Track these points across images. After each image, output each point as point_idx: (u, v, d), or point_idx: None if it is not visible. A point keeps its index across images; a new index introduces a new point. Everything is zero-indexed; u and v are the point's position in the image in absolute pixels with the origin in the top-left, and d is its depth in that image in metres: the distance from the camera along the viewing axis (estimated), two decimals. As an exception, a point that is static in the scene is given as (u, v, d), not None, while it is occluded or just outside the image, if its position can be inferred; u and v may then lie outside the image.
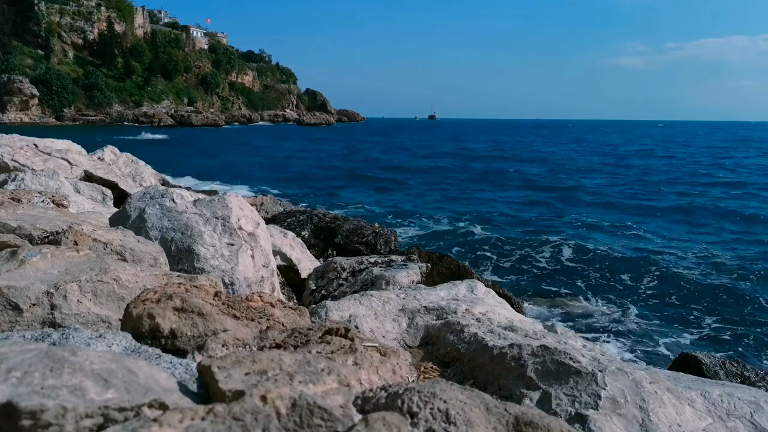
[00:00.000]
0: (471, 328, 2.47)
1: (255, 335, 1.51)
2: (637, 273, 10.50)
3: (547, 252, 12.09)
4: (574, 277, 10.29)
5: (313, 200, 17.89)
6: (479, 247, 12.60)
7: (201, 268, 3.00)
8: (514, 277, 10.28)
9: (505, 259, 11.64)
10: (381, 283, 4.06)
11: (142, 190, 3.54)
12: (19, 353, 0.96)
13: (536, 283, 9.94)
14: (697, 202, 19.88)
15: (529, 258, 11.63)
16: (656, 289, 9.69)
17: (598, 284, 9.92)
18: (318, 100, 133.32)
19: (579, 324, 7.85)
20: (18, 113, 71.44)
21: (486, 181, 25.79)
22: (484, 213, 17.19)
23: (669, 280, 10.14)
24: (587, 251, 12.04)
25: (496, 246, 12.73)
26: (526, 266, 11.01)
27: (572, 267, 10.87)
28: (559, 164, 35.11)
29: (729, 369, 3.97)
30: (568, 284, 9.86)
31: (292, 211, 8.07)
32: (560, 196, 21.14)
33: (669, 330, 7.91)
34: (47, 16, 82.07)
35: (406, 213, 16.93)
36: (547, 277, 10.29)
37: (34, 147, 6.14)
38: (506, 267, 11.02)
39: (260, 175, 25.72)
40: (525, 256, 11.80)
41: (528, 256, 11.75)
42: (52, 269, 1.87)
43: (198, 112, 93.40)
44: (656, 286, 9.84)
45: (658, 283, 9.97)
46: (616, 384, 1.94)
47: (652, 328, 7.95)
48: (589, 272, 10.57)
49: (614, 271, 10.60)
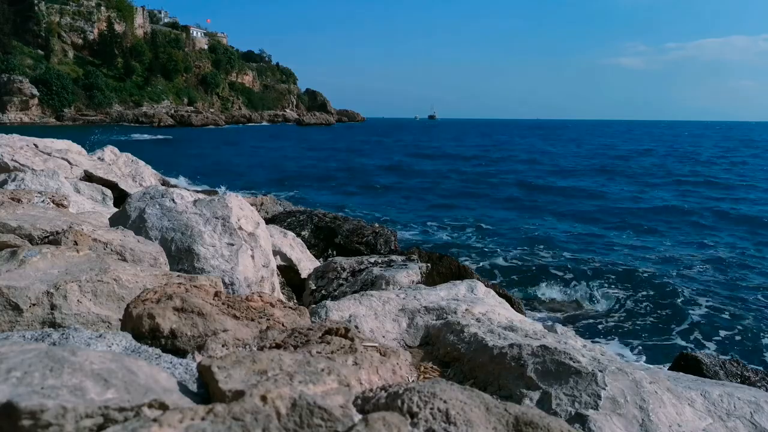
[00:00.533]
0: (471, 328, 2.47)
1: (255, 335, 1.51)
2: (638, 273, 10.51)
3: (547, 252, 12.10)
4: (574, 277, 10.29)
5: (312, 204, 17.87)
6: (479, 247, 12.61)
7: (201, 268, 3.00)
8: (514, 277, 10.29)
9: (505, 259, 11.64)
10: (381, 283, 4.06)
11: (142, 190, 3.54)
12: (19, 353, 0.96)
13: (536, 283, 9.94)
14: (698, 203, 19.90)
15: (529, 258, 11.64)
16: (656, 289, 9.69)
17: (598, 284, 9.92)
18: (318, 100, 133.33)
19: (579, 324, 7.85)
20: (18, 113, 71.42)
21: (485, 181, 25.79)
22: (484, 213, 17.19)
23: (669, 280, 10.14)
24: (587, 252, 12.05)
25: (496, 246, 12.74)
26: (526, 266, 11.01)
27: (572, 267, 10.86)
28: (559, 164, 35.13)
29: (729, 369, 3.97)
30: (568, 284, 9.86)
31: (292, 211, 8.07)
32: (560, 196, 21.15)
33: (669, 330, 7.91)
34: (47, 16, 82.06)
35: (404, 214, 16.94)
36: (547, 277, 10.29)
37: (34, 147, 6.14)
38: (506, 267, 11.02)
39: (240, 175, 25.25)
40: (525, 256, 11.81)
41: (528, 257, 11.76)
42: (52, 269, 1.87)
43: (198, 112, 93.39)
44: (656, 286, 9.84)
45: (658, 283, 9.97)
46: (616, 384, 1.94)
47: (652, 329, 7.95)
48: (590, 272, 10.58)
49: (614, 272, 10.60)
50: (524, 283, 9.93)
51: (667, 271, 10.68)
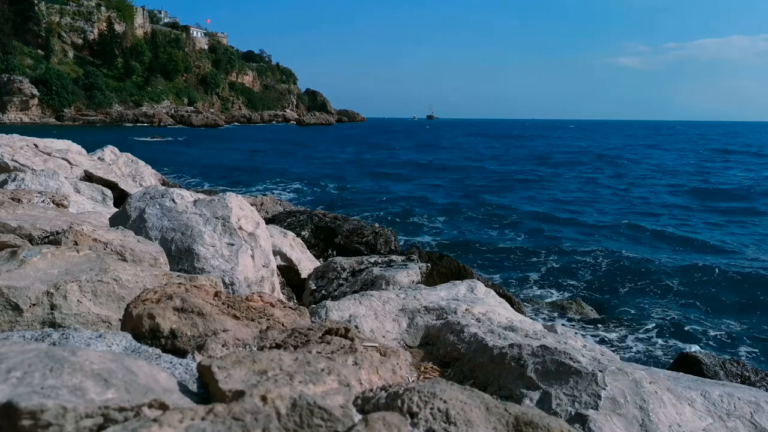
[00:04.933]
0: (471, 328, 2.47)
1: (255, 335, 1.51)
2: (638, 273, 10.51)
3: (548, 253, 12.10)
4: (575, 277, 10.30)
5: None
6: (479, 248, 12.61)
7: (201, 268, 3.00)
8: (514, 277, 10.29)
9: (505, 259, 11.64)
10: (381, 283, 4.06)
11: (142, 190, 3.54)
12: (19, 353, 0.96)
13: (536, 283, 9.94)
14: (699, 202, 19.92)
15: (530, 258, 11.64)
16: (657, 289, 9.69)
17: (599, 285, 9.92)
18: (318, 100, 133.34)
19: (579, 324, 7.85)
20: (18, 113, 71.44)
21: (484, 181, 25.79)
22: (484, 214, 17.19)
23: (670, 280, 10.14)
24: (587, 252, 12.04)
25: (496, 246, 12.74)
26: (527, 267, 11.01)
27: (573, 267, 10.87)
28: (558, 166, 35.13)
29: (729, 369, 3.97)
30: (568, 284, 9.86)
31: (292, 211, 8.07)
32: (559, 197, 21.15)
33: (669, 330, 7.91)
34: (47, 16, 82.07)
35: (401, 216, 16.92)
36: (548, 277, 10.29)
37: (34, 147, 6.14)
38: (506, 267, 11.03)
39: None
40: (525, 256, 11.81)
41: (528, 257, 11.76)
42: (52, 269, 1.87)
43: (198, 112, 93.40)
44: (656, 286, 9.84)
45: (658, 283, 9.97)
46: (616, 384, 1.94)
47: (652, 329, 7.95)
48: (590, 273, 10.58)
49: (615, 272, 10.60)
50: (524, 282, 9.93)
51: (668, 272, 10.68)
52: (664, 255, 12.01)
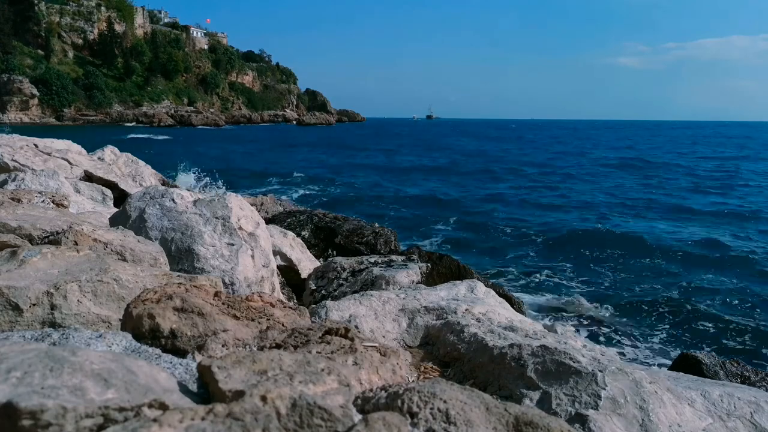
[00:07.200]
0: (471, 328, 2.47)
1: (255, 335, 1.51)
2: (638, 274, 10.51)
3: (548, 253, 12.10)
4: (575, 277, 10.30)
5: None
6: (479, 248, 12.61)
7: (201, 268, 3.00)
8: (514, 276, 10.29)
9: (505, 259, 11.64)
10: (381, 283, 4.06)
11: (142, 190, 3.54)
12: (19, 353, 0.96)
13: (536, 283, 9.94)
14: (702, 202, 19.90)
15: (530, 259, 11.64)
16: (657, 289, 9.69)
17: (599, 285, 9.92)
18: (318, 100, 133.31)
19: (579, 324, 7.85)
20: (18, 113, 71.41)
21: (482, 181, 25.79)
22: (484, 214, 17.19)
23: (670, 280, 10.14)
24: (588, 253, 12.04)
25: (496, 247, 12.74)
26: (527, 267, 11.01)
27: (573, 267, 10.87)
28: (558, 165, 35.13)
29: (729, 369, 3.97)
30: (568, 285, 9.86)
31: (292, 211, 8.07)
32: (560, 197, 21.15)
33: (669, 330, 7.91)
34: (47, 16, 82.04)
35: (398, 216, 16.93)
36: (548, 277, 10.29)
37: (34, 147, 6.14)
38: (506, 267, 11.02)
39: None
40: (525, 256, 11.81)
41: (529, 257, 11.76)
42: (52, 269, 1.87)
43: (198, 112, 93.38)
44: (657, 286, 9.84)
45: (658, 283, 9.97)
46: (616, 384, 1.94)
47: (653, 329, 7.95)
48: (590, 273, 10.58)
49: (615, 273, 10.60)
50: (524, 282, 9.93)
51: (669, 272, 10.68)
52: (664, 256, 12.01)
